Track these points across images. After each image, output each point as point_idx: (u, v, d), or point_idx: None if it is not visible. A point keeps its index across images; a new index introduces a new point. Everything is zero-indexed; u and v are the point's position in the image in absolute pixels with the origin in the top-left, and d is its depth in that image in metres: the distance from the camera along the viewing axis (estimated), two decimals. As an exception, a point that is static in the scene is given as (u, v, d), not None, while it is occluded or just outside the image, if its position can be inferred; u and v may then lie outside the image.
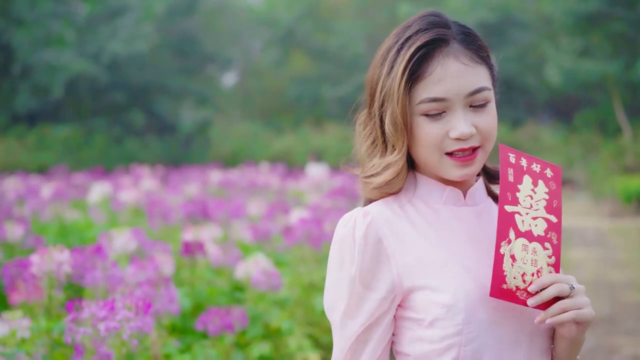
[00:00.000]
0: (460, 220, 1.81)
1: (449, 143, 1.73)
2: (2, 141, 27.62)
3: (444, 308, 1.70)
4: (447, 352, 1.71)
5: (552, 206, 1.76)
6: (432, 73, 1.71)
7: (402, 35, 1.75)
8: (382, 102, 1.77)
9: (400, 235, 1.76)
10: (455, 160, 1.74)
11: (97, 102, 33.30)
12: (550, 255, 1.73)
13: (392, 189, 1.79)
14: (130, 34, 31.91)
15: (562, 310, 1.67)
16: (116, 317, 2.50)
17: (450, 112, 1.72)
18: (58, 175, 16.18)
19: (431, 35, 1.72)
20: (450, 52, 1.72)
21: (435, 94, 1.71)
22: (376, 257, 1.74)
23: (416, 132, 1.74)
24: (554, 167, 1.79)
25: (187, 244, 4.46)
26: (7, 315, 3.41)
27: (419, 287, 1.73)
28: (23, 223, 6.47)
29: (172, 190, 10.44)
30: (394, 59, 1.74)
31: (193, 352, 3.50)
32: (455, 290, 1.71)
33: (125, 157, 28.17)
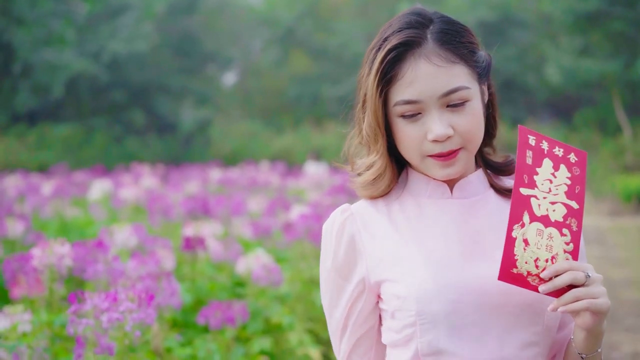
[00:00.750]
0: (444, 214, 1.81)
1: (427, 145, 1.73)
2: (3, 140, 27.62)
3: (399, 299, 1.74)
4: (409, 343, 1.75)
5: (573, 192, 1.71)
6: (404, 75, 1.70)
7: (382, 35, 1.75)
8: (363, 103, 1.78)
9: (373, 231, 1.81)
10: (436, 160, 1.73)
11: (98, 101, 33.29)
12: (568, 242, 1.68)
13: (379, 189, 1.82)
14: (130, 34, 31.91)
15: (575, 298, 1.63)
16: (119, 308, 2.51)
17: (426, 114, 1.71)
18: (58, 173, 16.20)
19: (403, 37, 1.70)
20: (422, 53, 1.70)
21: (408, 96, 1.70)
22: (350, 251, 1.81)
23: (397, 134, 1.75)
24: (579, 152, 1.74)
25: (188, 239, 4.47)
26: (8, 309, 3.42)
27: (383, 280, 1.78)
28: (24, 220, 6.48)
29: (172, 188, 10.46)
30: (372, 60, 1.74)
31: (194, 345, 3.51)
32: (408, 282, 1.73)
33: (126, 156, 28.17)
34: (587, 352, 1.73)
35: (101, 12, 32.53)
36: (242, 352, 3.88)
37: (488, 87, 1.84)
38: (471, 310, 1.72)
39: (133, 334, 2.54)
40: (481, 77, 1.77)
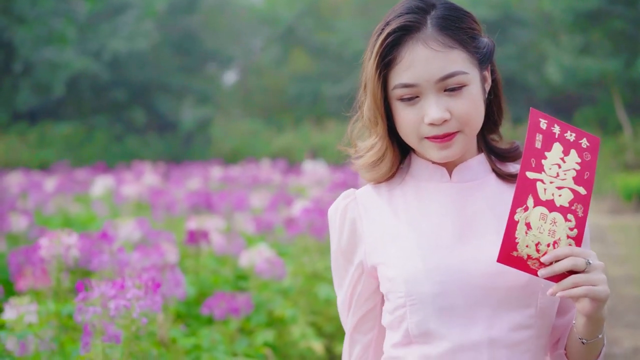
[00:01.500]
0: (442, 197, 1.83)
1: (424, 128, 1.75)
2: (4, 138, 27.65)
3: (390, 281, 1.79)
4: (401, 324, 1.80)
5: (582, 177, 1.69)
6: (402, 59, 1.72)
7: (386, 19, 1.78)
8: (364, 86, 1.81)
9: (373, 216, 1.85)
10: (433, 142, 1.75)
11: (98, 100, 33.33)
12: (572, 227, 1.67)
13: (380, 171, 1.85)
14: (131, 32, 31.95)
15: (574, 284, 1.62)
16: (126, 295, 2.54)
17: (423, 98, 1.74)
18: (60, 171, 16.22)
19: (402, 22, 1.73)
20: (420, 38, 1.72)
21: (406, 80, 1.72)
22: (351, 236, 1.87)
23: (396, 117, 1.78)
24: (592, 137, 1.72)
25: (192, 232, 4.50)
26: (14, 301, 3.46)
27: (378, 263, 1.83)
28: (27, 215, 6.51)
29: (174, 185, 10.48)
30: (373, 44, 1.77)
31: (199, 335, 3.54)
32: (398, 264, 1.77)
33: (126, 154, 28.20)
34: (588, 338, 1.74)
35: (102, 11, 32.57)
36: (245, 343, 3.91)
37: (492, 72, 1.85)
38: (459, 292, 1.73)
39: (140, 321, 2.57)
40: (482, 63, 1.79)
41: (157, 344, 3.13)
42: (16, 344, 3.23)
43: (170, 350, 3.30)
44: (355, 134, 1.90)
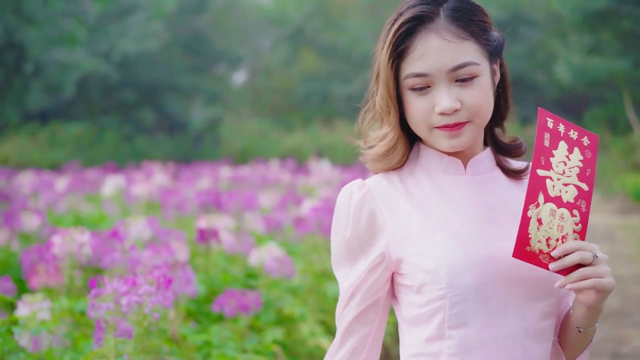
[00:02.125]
0: (459, 189, 1.86)
1: (435, 118, 1.77)
2: (15, 139, 27.78)
3: (428, 273, 1.77)
4: (434, 316, 1.78)
5: (585, 174, 1.77)
6: (415, 49, 1.75)
7: (399, 10, 1.81)
8: (377, 76, 1.84)
9: (393, 207, 1.84)
10: (443, 131, 1.78)
11: (108, 100, 33.46)
12: (577, 222, 1.74)
13: (391, 161, 1.86)
14: (140, 33, 32.06)
15: (582, 277, 1.69)
16: (138, 291, 2.58)
17: (435, 88, 1.77)
18: (71, 171, 16.30)
19: (415, 12, 1.76)
20: (433, 28, 1.76)
21: (418, 69, 1.75)
22: (370, 227, 1.84)
23: (407, 106, 1.81)
24: (592, 135, 1.80)
25: (202, 231, 4.55)
26: (27, 298, 3.51)
27: (408, 255, 1.80)
28: (39, 215, 6.57)
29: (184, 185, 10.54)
30: (386, 34, 1.80)
31: (209, 332, 3.59)
32: (438, 256, 1.77)
33: (136, 154, 28.29)
34: (585, 327, 1.80)
35: (111, 12, 32.68)
36: (255, 340, 3.95)
37: (500, 66, 1.89)
38: (496, 283, 1.78)
39: (152, 317, 2.62)
40: (492, 56, 1.83)
41: (168, 341, 3.18)
42: (29, 341, 3.28)
43: (181, 346, 3.35)
44: (366, 125, 1.91)
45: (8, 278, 4.14)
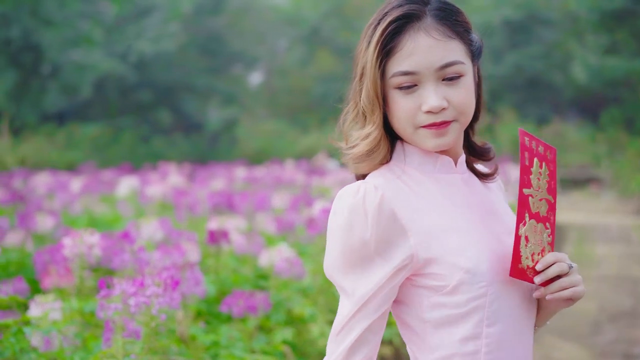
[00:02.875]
0: (455, 187, 1.89)
1: (421, 117, 1.79)
2: (32, 140, 27.94)
3: (468, 272, 1.76)
4: (471, 315, 1.78)
5: (551, 187, 1.83)
6: (403, 47, 1.77)
7: (382, 11, 1.82)
8: (361, 76, 1.84)
9: (411, 206, 1.80)
10: (429, 130, 1.79)
11: (125, 101, 33.61)
12: (549, 234, 1.82)
13: (374, 161, 1.86)
14: (157, 34, 32.20)
15: (561, 288, 1.79)
16: (146, 292, 2.63)
17: (422, 86, 1.78)
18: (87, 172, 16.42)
19: (403, 11, 1.78)
20: (422, 27, 1.78)
21: (406, 67, 1.77)
22: (391, 229, 1.77)
23: (392, 106, 1.81)
24: (551, 148, 1.86)
25: (212, 232, 4.59)
26: (39, 298, 3.57)
27: (439, 255, 1.77)
28: (53, 215, 6.64)
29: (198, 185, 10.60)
30: (371, 34, 1.81)
31: (217, 333, 3.63)
32: (476, 254, 1.78)
33: (153, 155, 28.39)
34: (540, 325, 1.93)
35: (128, 13, 32.83)
36: (264, 340, 3.99)
37: (477, 70, 1.91)
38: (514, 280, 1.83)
39: (159, 318, 2.66)
40: (474, 57, 1.86)
41: (177, 341, 3.22)
42: (41, 341, 3.34)
43: (190, 346, 3.39)
44: (347, 126, 1.92)
45: (21, 278, 4.20)
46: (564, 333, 7.45)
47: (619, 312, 8.18)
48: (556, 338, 7.27)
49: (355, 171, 1.90)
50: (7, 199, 9.14)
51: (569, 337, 7.31)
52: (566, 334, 7.43)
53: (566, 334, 7.40)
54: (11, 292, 4.14)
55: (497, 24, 31.04)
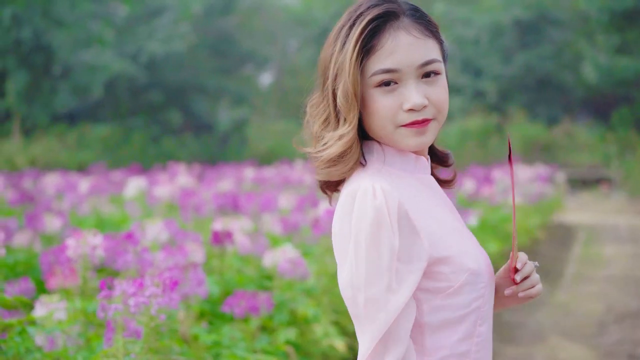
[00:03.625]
0: (433, 188, 1.93)
1: (402, 116, 1.79)
2: (43, 140, 28.09)
3: (472, 273, 1.80)
4: (470, 315, 1.81)
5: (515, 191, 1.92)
6: (384, 45, 1.77)
7: (354, 14, 1.82)
8: (335, 76, 1.82)
9: (415, 207, 1.79)
10: (410, 129, 1.80)
11: (136, 102, 33.71)
12: (515, 236, 1.90)
13: (348, 163, 1.82)
14: (167, 34, 32.28)
15: (532, 285, 1.90)
16: (145, 293, 2.68)
17: (403, 84, 1.78)
18: (96, 172, 16.50)
19: (382, 9, 1.79)
20: (401, 25, 1.79)
21: (388, 65, 1.77)
22: (410, 233, 1.75)
23: (370, 105, 1.80)
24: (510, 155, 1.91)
25: (216, 233, 4.63)
26: (44, 298, 3.63)
27: (446, 256, 1.78)
28: (61, 216, 6.70)
29: (207, 186, 10.65)
30: (346, 34, 1.80)
31: (219, 333, 3.67)
32: (476, 254, 1.84)
33: (163, 155, 28.49)
34: None
35: (139, 14, 32.94)
36: (266, 340, 4.03)
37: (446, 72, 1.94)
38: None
39: (158, 318, 2.71)
40: (444, 59, 1.88)
41: (179, 341, 3.27)
42: (45, 340, 3.40)
43: (192, 346, 3.43)
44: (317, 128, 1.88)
45: (27, 279, 4.26)
46: (569, 333, 7.47)
47: (625, 312, 8.18)
48: (561, 338, 7.29)
49: (326, 177, 1.86)
50: (16, 200, 9.21)
51: (574, 337, 7.33)
52: (571, 334, 7.44)
53: (571, 335, 7.42)
54: (17, 292, 4.20)
55: (507, 24, 31.01)
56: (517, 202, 12.14)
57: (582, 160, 27.74)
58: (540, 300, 9.01)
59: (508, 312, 8.38)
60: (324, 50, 1.89)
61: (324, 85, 1.87)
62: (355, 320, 1.78)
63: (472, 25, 31.72)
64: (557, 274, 10.73)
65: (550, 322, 7.94)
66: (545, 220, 14.28)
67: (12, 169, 23.34)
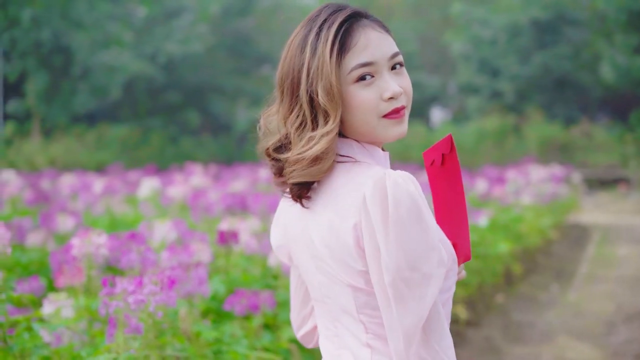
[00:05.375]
0: None
1: (383, 105, 1.89)
2: (63, 140, 28.36)
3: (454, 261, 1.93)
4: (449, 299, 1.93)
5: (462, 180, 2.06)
6: (357, 43, 1.89)
7: (314, 23, 1.94)
8: (311, 81, 1.89)
9: None
10: (391, 119, 1.91)
11: (154, 102, 33.96)
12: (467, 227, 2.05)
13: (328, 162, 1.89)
14: (185, 35, 32.48)
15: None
16: (143, 291, 2.77)
17: (378, 77, 1.90)
18: (114, 172, 16.66)
19: (348, 12, 1.92)
20: (366, 24, 1.92)
21: (365, 59, 1.88)
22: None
23: (351, 102, 1.89)
24: None
25: (222, 233, 4.72)
26: (52, 296, 3.74)
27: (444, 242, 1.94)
28: (75, 216, 6.82)
29: (220, 187, 10.74)
30: (315, 41, 1.90)
31: (220, 330, 3.75)
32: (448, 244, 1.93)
33: (181, 155, 28.69)
34: None
35: (157, 15, 33.15)
36: (269, 338, 4.11)
37: None
38: None
39: (156, 315, 2.81)
40: None
41: (180, 337, 3.36)
42: (51, 336, 3.51)
43: (193, 343, 3.52)
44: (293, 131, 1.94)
45: (37, 277, 4.38)
46: (578, 333, 7.51)
47: (635, 312, 8.21)
48: (570, 338, 7.33)
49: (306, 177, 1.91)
50: (32, 200, 9.36)
51: (582, 337, 7.37)
52: (580, 334, 7.48)
53: (580, 334, 7.46)
54: (27, 291, 4.32)
55: (525, 24, 30.95)
56: (529, 201, 12.16)
57: (600, 160, 27.66)
58: (551, 300, 9.06)
59: (517, 312, 8.43)
60: (287, 62, 1.98)
61: (292, 94, 1.95)
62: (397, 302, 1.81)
63: (490, 25, 31.68)
64: (569, 274, 10.76)
65: (559, 322, 7.99)
66: (560, 220, 14.29)
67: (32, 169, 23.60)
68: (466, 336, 7.31)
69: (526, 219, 11.00)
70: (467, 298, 8.00)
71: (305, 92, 1.91)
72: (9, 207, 9.48)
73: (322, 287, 1.98)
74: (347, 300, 1.93)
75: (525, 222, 10.83)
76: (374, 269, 1.84)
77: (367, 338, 1.93)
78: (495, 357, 6.78)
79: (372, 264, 1.84)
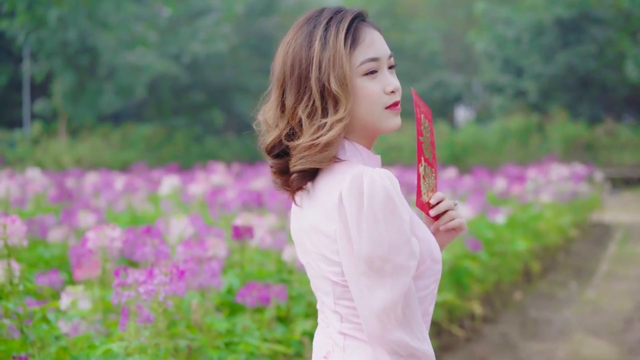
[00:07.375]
0: None
1: (386, 98, 2.03)
2: (89, 140, 28.66)
3: (434, 261, 2.01)
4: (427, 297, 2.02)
5: (432, 140, 2.16)
6: (364, 39, 2.02)
7: (317, 21, 2.03)
8: (324, 72, 1.98)
9: None
10: (392, 110, 2.04)
11: (178, 102, 34.18)
12: (435, 177, 2.15)
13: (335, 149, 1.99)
14: (210, 35, 32.66)
15: (451, 218, 2.12)
16: (154, 281, 2.88)
17: (381, 72, 2.04)
18: (137, 171, 16.84)
19: (355, 12, 2.06)
20: (369, 24, 2.07)
21: (372, 54, 2.02)
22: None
23: (360, 92, 2.01)
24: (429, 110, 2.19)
25: (237, 228, 4.81)
26: (70, 289, 3.87)
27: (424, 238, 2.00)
28: (97, 213, 6.96)
29: (240, 184, 10.86)
30: (324, 35, 2.01)
31: (232, 321, 3.85)
32: (435, 244, 2.04)
33: (205, 155, 28.87)
34: None
35: (182, 15, 33.36)
36: (281, 330, 4.21)
37: None
38: None
39: (165, 303, 2.91)
40: None
41: (192, 328, 3.46)
42: (69, 327, 3.63)
43: (205, 334, 3.62)
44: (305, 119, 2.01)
45: (56, 271, 4.52)
46: (594, 330, 7.54)
47: (648, 311, 8.23)
48: (586, 335, 7.36)
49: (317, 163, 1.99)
50: (56, 197, 9.52)
51: (599, 334, 7.40)
52: (597, 331, 7.51)
53: (597, 331, 7.49)
54: (47, 284, 4.46)
55: (549, 23, 30.82)
56: (548, 200, 12.15)
57: (625, 159, 27.51)
58: (569, 297, 9.09)
59: (535, 309, 8.47)
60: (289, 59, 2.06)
61: (299, 86, 2.03)
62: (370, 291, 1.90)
63: (514, 25, 31.57)
64: (588, 272, 10.77)
65: (577, 319, 8.02)
66: (581, 218, 14.26)
67: (59, 168, 23.88)
68: (482, 332, 7.37)
69: (545, 217, 11.01)
70: (483, 294, 8.05)
71: (317, 81, 2.00)
72: (33, 205, 9.65)
73: (313, 279, 2.09)
74: (327, 292, 2.02)
75: (544, 220, 10.85)
76: (347, 260, 1.92)
77: (341, 327, 2.02)
78: (510, 353, 6.83)
79: (345, 254, 1.92)
